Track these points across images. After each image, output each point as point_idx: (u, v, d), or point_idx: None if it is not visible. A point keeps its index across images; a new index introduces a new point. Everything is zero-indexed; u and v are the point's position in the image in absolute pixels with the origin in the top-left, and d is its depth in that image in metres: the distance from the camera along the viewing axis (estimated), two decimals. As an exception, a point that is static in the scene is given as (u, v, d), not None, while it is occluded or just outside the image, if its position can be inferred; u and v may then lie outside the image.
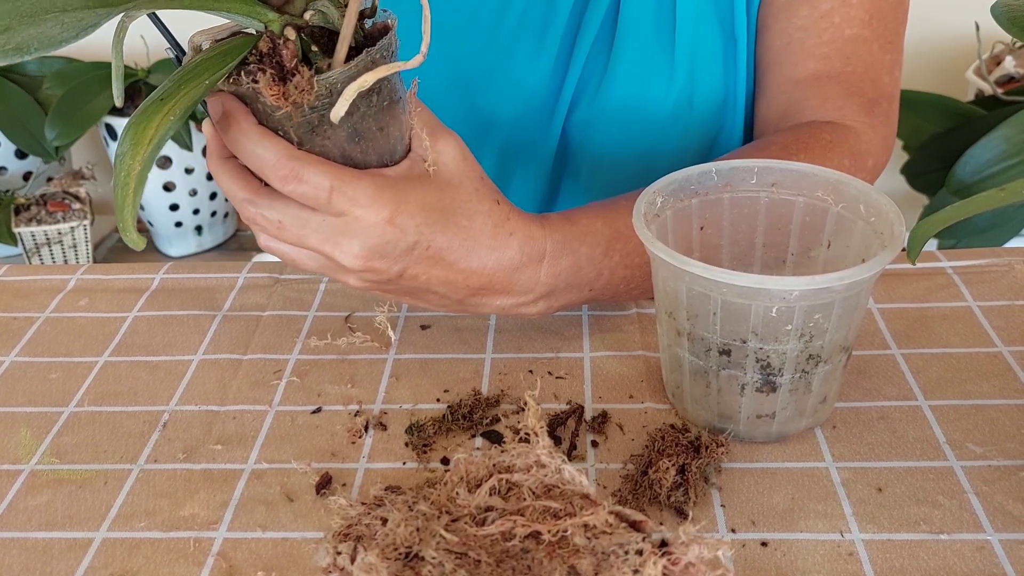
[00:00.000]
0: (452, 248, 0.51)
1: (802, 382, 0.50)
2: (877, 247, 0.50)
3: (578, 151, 0.78)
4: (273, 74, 0.45)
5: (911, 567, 0.45)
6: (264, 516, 0.50)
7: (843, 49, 0.70)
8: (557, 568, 0.42)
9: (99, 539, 0.49)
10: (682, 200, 0.55)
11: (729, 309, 0.47)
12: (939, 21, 1.91)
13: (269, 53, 0.45)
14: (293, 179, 0.47)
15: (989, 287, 0.65)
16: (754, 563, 0.45)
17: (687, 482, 0.49)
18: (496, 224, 0.52)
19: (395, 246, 0.49)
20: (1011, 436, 0.52)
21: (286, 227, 0.49)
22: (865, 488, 0.49)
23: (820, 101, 0.69)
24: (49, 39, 0.39)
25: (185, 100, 0.42)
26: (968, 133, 1.52)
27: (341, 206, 0.48)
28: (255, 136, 0.47)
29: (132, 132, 0.42)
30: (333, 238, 0.49)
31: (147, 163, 0.41)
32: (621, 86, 0.73)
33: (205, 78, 0.43)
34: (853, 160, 0.66)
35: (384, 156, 0.50)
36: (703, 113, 0.75)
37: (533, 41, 0.74)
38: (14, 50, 0.39)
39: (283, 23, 0.45)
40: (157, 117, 0.42)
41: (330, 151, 0.48)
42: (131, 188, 0.41)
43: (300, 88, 0.45)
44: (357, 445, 0.54)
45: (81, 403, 0.59)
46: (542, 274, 0.55)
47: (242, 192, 0.50)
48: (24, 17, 0.39)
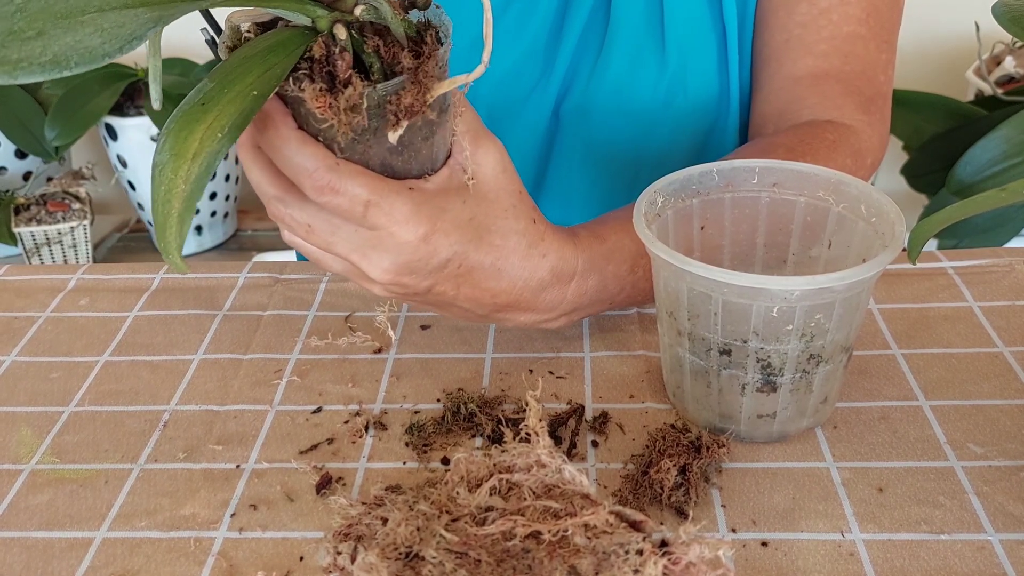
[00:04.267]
0: (483, 267, 0.50)
1: (803, 382, 0.50)
2: (878, 247, 0.50)
3: (571, 138, 0.78)
4: (323, 86, 0.42)
5: (912, 567, 0.45)
6: (264, 516, 0.50)
7: (841, 47, 0.71)
8: (557, 568, 0.42)
9: (99, 538, 0.49)
10: (683, 200, 0.55)
11: (730, 309, 0.47)
12: (939, 21, 1.91)
13: (321, 60, 0.42)
14: (329, 191, 0.44)
15: (990, 287, 0.65)
16: (755, 563, 0.45)
17: (688, 482, 0.49)
18: (530, 244, 0.51)
19: (426, 263, 0.48)
20: (1012, 436, 0.52)
21: (315, 231, 0.47)
22: (866, 488, 0.49)
23: (819, 99, 0.70)
24: (90, 51, 0.35)
25: (231, 109, 0.39)
26: (968, 133, 1.52)
27: (376, 221, 0.46)
28: (294, 143, 0.44)
29: (172, 140, 0.38)
30: (363, 250, 0.47)
31: (195, 185, 0.38)
32: (613, 75, 0.74)
33: (251, 82, 0.39)
34: (855, 160, 0.67)
35: (425, 165, 0.48)
36: (696, 104, 0.75)
37: (516, 18, 0.74)
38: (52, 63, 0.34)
39: (332, 20, 0.42)
40: (200, 127, 0.38)
41: (371, 160, 0.45)
42: (174, 209, 0.38)
43: (351, 102, 0.42)
44: (357, 445, 0.54)
45: (82, 402, 0.59)
46: (569, 293, 0.54)
47: (272, 189, 0.47)
48: (59, 19, 0.35)
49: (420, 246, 0.47)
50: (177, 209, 0.38)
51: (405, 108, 0.43)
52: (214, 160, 0.38)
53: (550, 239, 0.53)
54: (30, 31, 0.35)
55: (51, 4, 0.35)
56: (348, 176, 0.44)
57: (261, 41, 0.42)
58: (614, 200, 0.81)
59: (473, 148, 0.49)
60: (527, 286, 0.52)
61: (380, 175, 0.46)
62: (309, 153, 0.44)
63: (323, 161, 0.44)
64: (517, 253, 0.51)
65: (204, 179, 0.38)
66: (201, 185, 0.38)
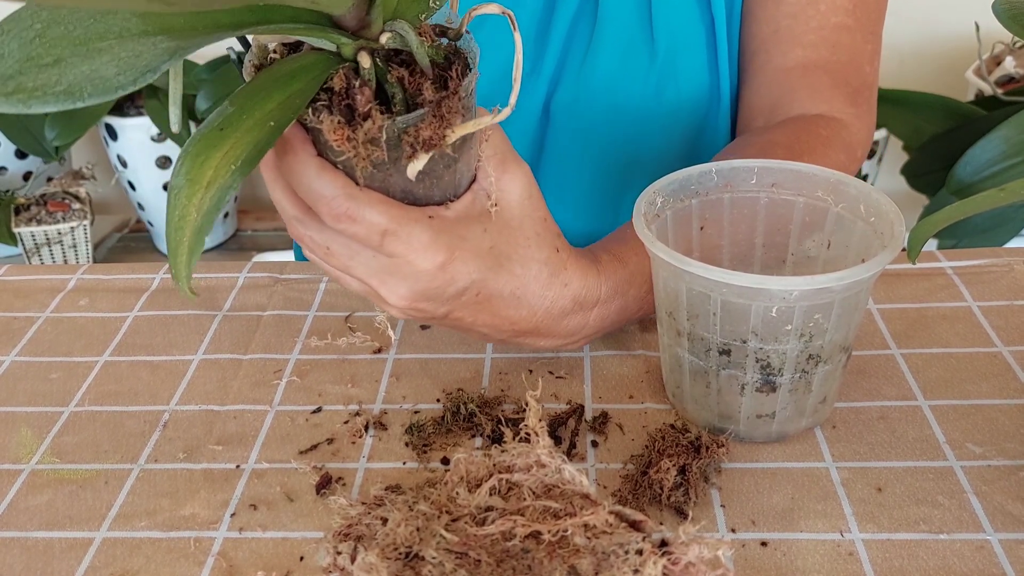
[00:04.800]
0: (502, 295, 0.50)
1: (802, 382, 0.50)
2: (877, 247, 0.50)
3: (564, 133, 0.78)
4: (341, 119, 0.41)
5: (911, 567, 0.45)
6: (264, 516, 0.50)
7: (829, 37, 0.71)
8: (557, 568, 0.42)
9: (99, 539, 0.49)
10: (682, 200, 0.55)
11: (729, 309, 0.48)
12: (939, 21, 1.91)
13: (340, 92, 0.41)
14: (347, 219, 0.44)
15: (989, 287, 0.65)
16: (754, 563, 0.45)
17: (687, 482, 0.49)
18: (552, 273, 0.51)
19: (444, 291, 0.47)
20: (1011, 436, 0.52)
21: (334, 254, 0.47)
22: (865, 488, 0.49)
23: (809, 93, 0.70)
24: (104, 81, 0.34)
25: (247, 139, 0.38)
26: (968, 133, 1.52)
27: (394, 249, 0.45)
28: (312, 170, 0.43)
29: (188, 164, 0.38)
30: (381, 275, 0.47)
31: (206, 218, 0.37)
32: (603, 67, 0.74)
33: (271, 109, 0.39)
34: (847, 154, 0.68)
35: (448, 192, 0.47)
36: (688, 96, 0.75)
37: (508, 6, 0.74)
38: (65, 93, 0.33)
39: (356, 47, 0.41)
40: (217, 154, 0.37)
41: (391, 188, 0.45)
42: (185, 236, 0.37)
43: (369, 135, 0.41)
44: (357, 445, 0.54)
45: (81, 403, 0.59)
46: (591, 319, 0.54)
47: (293, 210, 0.46)
48: (77, 45, 0.34)
49: (437, 274, 0.46)
50: (188, 239, 0.37)
51: (424, 141, 0.42)
52: (225, 195, 0.37)
53: (572, 267, 0.52)
54: (48, 58, 0.34)
55: (70, 30, 0.34)
56: (366, 204, 0.44)
57: (284, 64, 0.41)
58: (608, 194, 0.81)
59: (499, 174, 0.48)
60: (548, 314, 0.52)
61: (399, 203, 0.45)
62: (327, 180, 0.43)
63: (341, 189, 0.43)
64: (538, 282, 0.50)
65: (214, 213, 0.37)
66: (211, 219, 0.37)
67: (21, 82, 0.33)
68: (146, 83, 0.35)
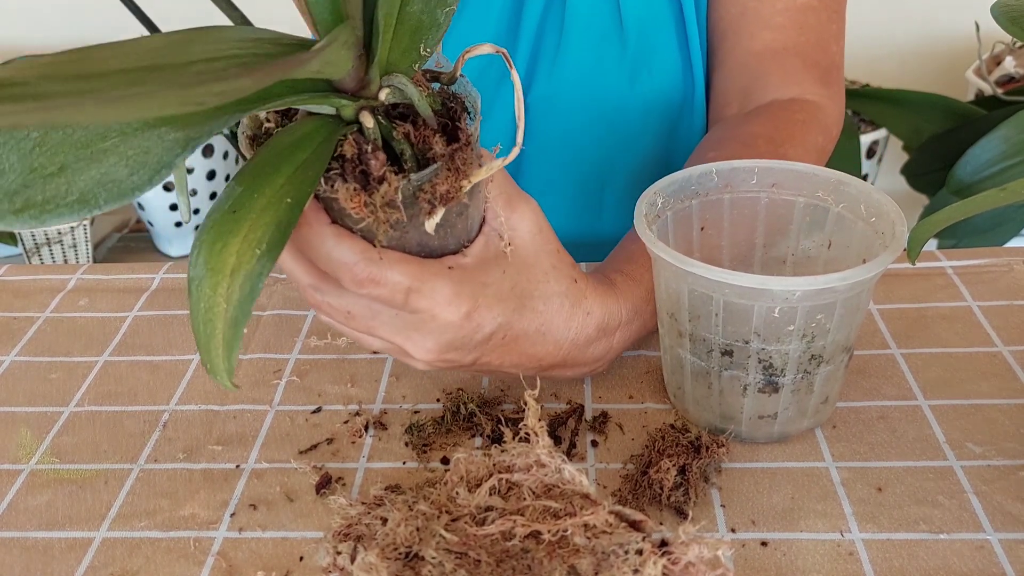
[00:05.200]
0: (528, 335, 0.50)
1: (804, 383, 0.50)
2: (878, 247, 0.50)
3: (543, 128, 0.78)
4: (357, 185, 0.40)
5: (911, 567, 0.45)
6: (264, 516, 0.50)
7: (796, 18, 0.72)
8: (557, 568, 0.42)
9: (99, 539, 0.49)
10: (682, 201, 0.55)
11: (731, 310, 0.47)
12: (939, 21, 1.91)
13: (352, 159, 0.40)
14: (370, 283, 0.43)
15: (989, 287, 0.65)
16: (754, 563, 0.45)
17: (687, 482, 0.49)
18: (573, 304, 0.51)
19: (471, 339, 0.47)
20: (1011, 436, 0.52)
21: (355, 317, 0.46)
22: (865, 488, 0.49)
23: (781, 76, 0.71)
24: (118, 185, 0.32)
25: (265, 219, 0.36)
26: (968, 133, 1.52)
27: (418, 305, 0.44)
28: (330, 240, 0.42)
29: (206, 253, 0.36)
30: (406, 332, 0.46)
31: (239, 309, 0.35)
32: (575, 59, 0.74)
33: (281, 184, 0.37)
34: (825, 135, 0.69)
35: (462, 238, 0.46)
36: (662, 82, 0.76)
37: (473, 16, 0.75)
38: (79, 202, 0.31)
39: (357, 108, 0.40)
40: (235, 239, 0.36)
41: (407, 243, 0.44)
42: (217, 329, 0.35)
43: (387, 198, 0.40)
44: (357, 445, 0.54)
45: (81, 403, 0.59)
46: (615, 342, 0.54)
47: (308, 278, 0.45)
48: (79, 149, 0.32)
49: (464, 324, 0.46)
50: (222, 331, 0.35)
51: (441, 196, 0.41)
52: (257, 282, 0.35)
53: (592, 296, 0.52)
54: (52, 166, 0.32)
55: (70, 134, 0.32)
56: (388, 267, 0.43)
57: (284, 135, 0.40)
58: (589, 190, 0.81)
59: (507, 212, 0.48)
60: (575, 345, 0.52)
61: (418, 258, 0.44)
62: (346, 248, 0.42)
63: (360, 254, 0.43)
64: (561, 315, 0.50)
65: (248, 303, 0.35)
66: (246, 309, 0.35)
67: (29, 197, 0.31)
68: (163, 180, 0.33)
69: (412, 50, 0.41)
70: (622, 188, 0.81)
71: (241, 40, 0.35)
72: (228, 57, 0.33)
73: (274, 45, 0.36)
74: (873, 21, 1.83)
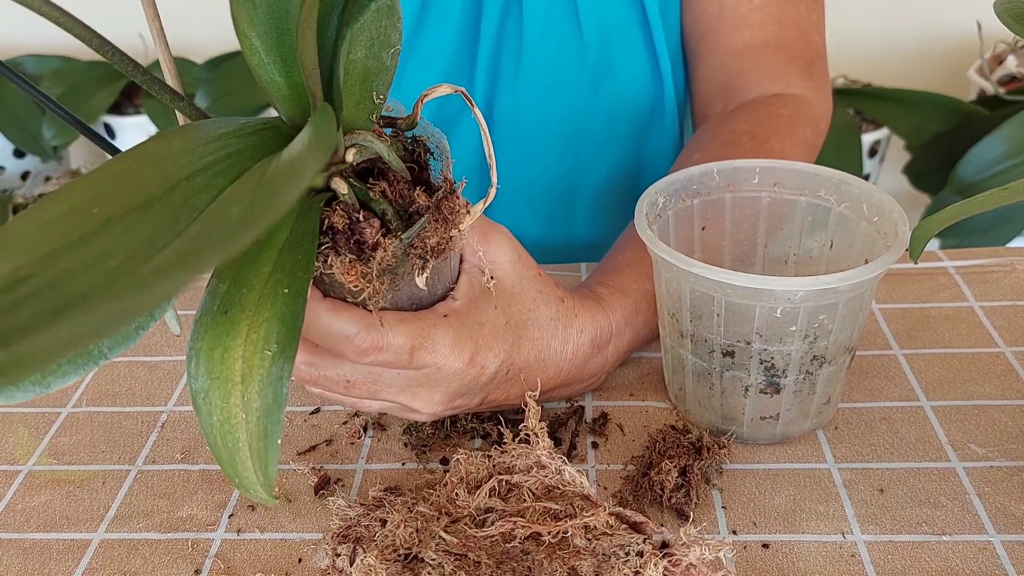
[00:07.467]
0: (529, 365, 0.50)
1: (806, 383, 0.49)
2: (880, 247, 0.50)
3: (510, 140, 0.78)
4: (351, 257, 0.38)
5: (913, 568, 0.44)
6: (262, 517, 0.49)
7: (775, 13, 0.71)
8: (557, 569, 0.41)
9: (97, 540, 0.49)
10: (684, 200, 0.55)
11: (733, 310, 0.47)
12: (941, 20, 1.91)
13: (344, 231, 0.38)
14: (374, 351, 0.42)
15: (991, 287, 0.65)
16: (755, 565, 0.45)
17: (688, 483, 0.48)
18: (566, 325, 0.51)
19: (476, 382, 0.47)
20: (1013, 437, 0.52)
21: (356, 384, 0.45)
22: (867, 489, 0.49)
23: (763, 72, 0.70)
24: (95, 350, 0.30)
25: (266, 314, 0.33)
26: (970, 132, 1.52)
27: (422, 361, 0.44)
28: (326, 314, 0.41)
29: (204, 363, 0.33)
30: (411, 389, 0.46)
31: (265, 414, 0.32)
32: (535, 69, 0.74)
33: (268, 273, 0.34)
34: (813, 128, 0.68)
35: (446, 281, 0.46)
36: (629, 85, 0.75)
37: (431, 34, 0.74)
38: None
39: (327, 176, 0.38)
40: (236, 342, 0.33)
41: (400, 300, 0.44)
42: (241, 443, 0.33)
43: (383, 264, 0.39)
44: (356, 446, 0.54)
45: (79, 403, 0.59)
46: (609, 355, 0.54)
47: (300, 356, 0.44)
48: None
49: (468, 369, 0.46)
50: (248, 444, 0.33)
51: (432, 249, 0.41)
52: (279, 388, 0.32)
53: (582, 313, 0.52)
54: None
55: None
56: (389, 331, 0.42)
57: None
58: (559, 197, 0.81)
59: (484, 246, 0.48)
60: (573, 364, 0.52)
61: (414, 313, 0.44)
62: (344, 320, 0.41)
63: (359, 324, 0.42)
64: (555, 338, 0.50)
65: (275, 411, 0.32)
66: (275, 418, 0.32)
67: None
68: (155, 322, 0.31)
69: (365, 100, 0.39)
70: (592, 194, 0.81)
71: (208, 141, 0.32)
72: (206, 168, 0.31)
73: (240, 139, 0.33)
74: (875, 20, 1.83)
